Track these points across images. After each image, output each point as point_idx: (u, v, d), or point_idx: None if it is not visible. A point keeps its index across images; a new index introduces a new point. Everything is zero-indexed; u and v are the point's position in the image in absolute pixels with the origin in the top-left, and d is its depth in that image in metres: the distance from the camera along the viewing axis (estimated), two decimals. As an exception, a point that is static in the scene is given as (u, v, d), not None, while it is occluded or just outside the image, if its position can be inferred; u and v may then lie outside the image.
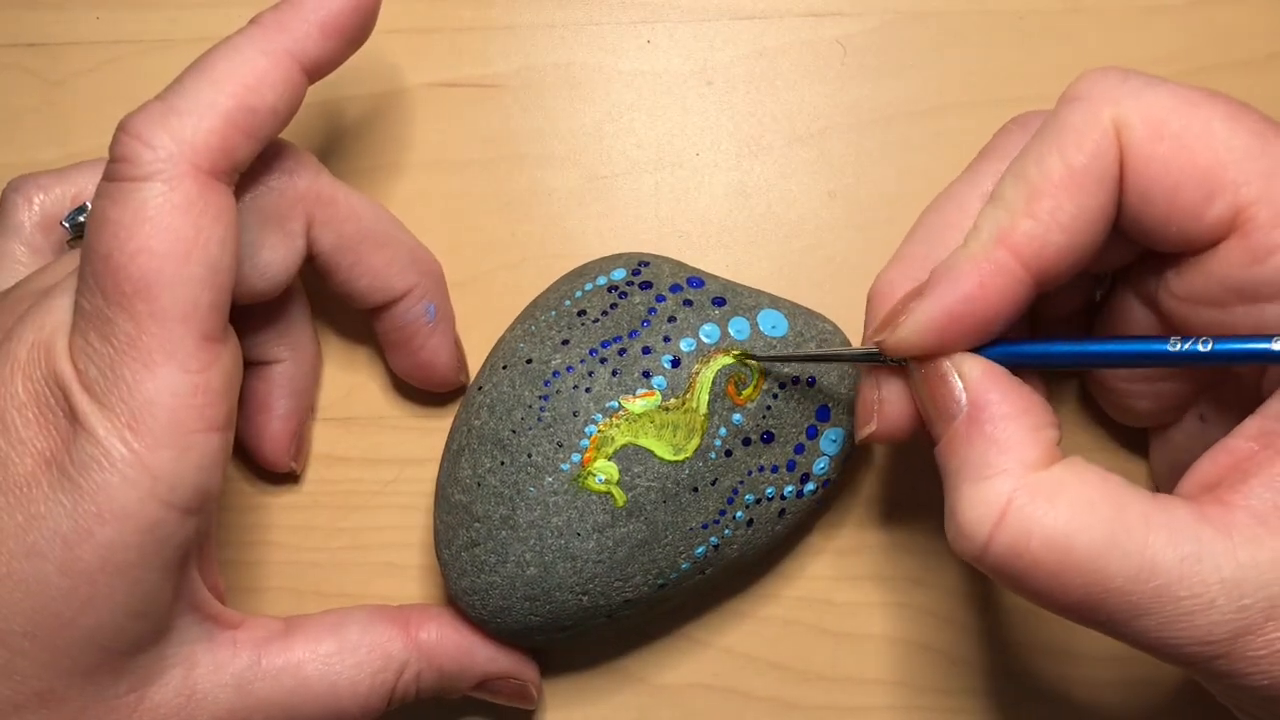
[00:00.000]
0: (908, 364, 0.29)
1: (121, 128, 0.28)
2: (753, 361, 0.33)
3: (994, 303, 0.27)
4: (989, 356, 0.28)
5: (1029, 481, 0.25)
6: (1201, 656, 0.25)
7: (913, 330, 0.27)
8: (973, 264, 0.27)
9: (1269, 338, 0.26)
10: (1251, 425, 0.27)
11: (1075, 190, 0.26)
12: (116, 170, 0.27)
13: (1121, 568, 0.24)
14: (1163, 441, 0.35)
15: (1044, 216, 0.27)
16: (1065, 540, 0.25)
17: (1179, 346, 0.26)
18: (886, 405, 0.30)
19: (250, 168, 0.31)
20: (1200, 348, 0.26)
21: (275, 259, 0.32)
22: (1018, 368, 0.28)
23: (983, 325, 0.27)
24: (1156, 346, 0.27)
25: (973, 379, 0.27)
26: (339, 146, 0.39)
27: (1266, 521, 0.25)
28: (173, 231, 0.27)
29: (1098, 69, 0.28)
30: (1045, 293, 0.28)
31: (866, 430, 0.30)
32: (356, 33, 0.31)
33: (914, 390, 0.29)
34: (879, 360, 0.29)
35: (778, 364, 0.33)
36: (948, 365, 0.27)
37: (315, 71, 0.30)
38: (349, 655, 0.32)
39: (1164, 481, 0.35)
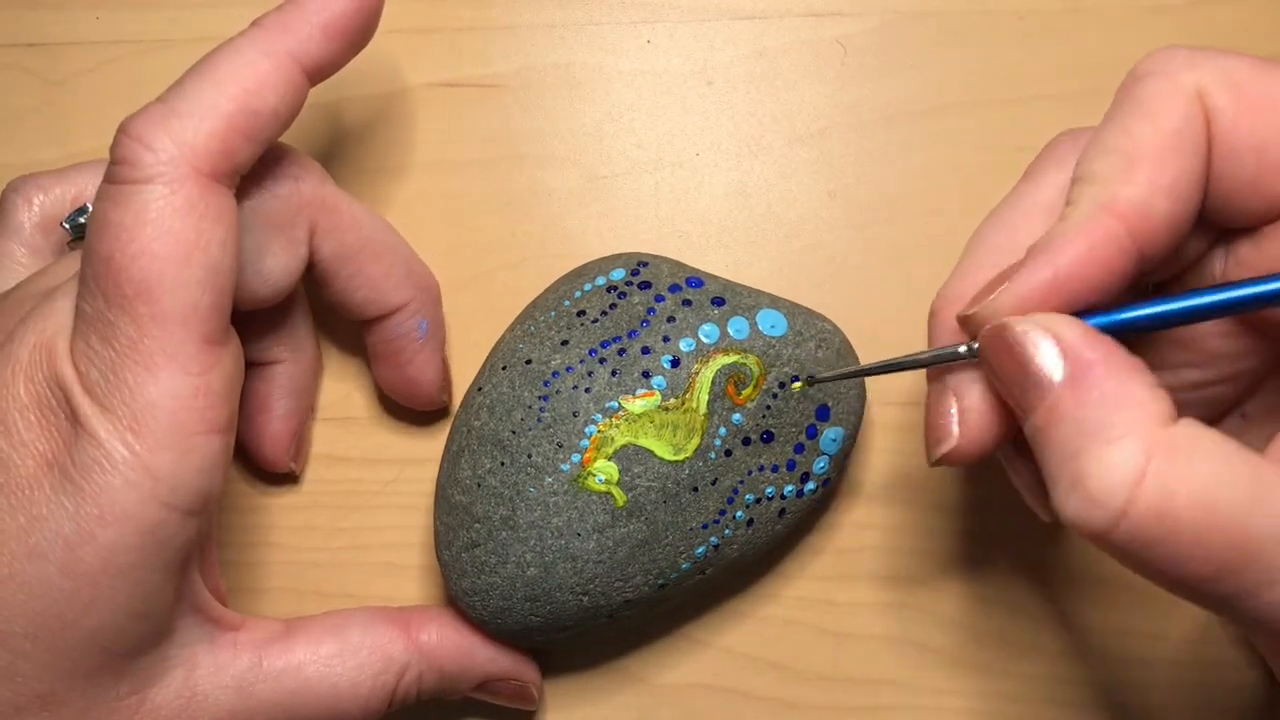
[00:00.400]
0: (981, 351, 0.26)
1: (122, 130, 0.28)
2: (796, 383, 0.33)
3: (1100, 271, 0.26)
4: (1094, 324, 0.26)
5: (1165, 438, 0.23)
6: None
7: (1014, 296, 0.26)
8: (1078, 230, 0.26)
9: None
10: None
11: (1173, 155, 0.26)
12: (117, 173, 0.27)
13: (1266, 528, 0.23)
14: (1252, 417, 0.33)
15: (1144, 183, 0.26)
16: (1211, 499, 0.23)
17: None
18: (970, 415, 0.27)
19: (256, 173, 0.31)
20: None
21: (278, 265, 0.32)
22: (1127, 334, 0.26)
23: (1086, 296, 0.26)
24: (1263, 287, 0.26)
25: (1072, 340, 0.25)
26: (338, 147, 0.39)
27: None
28: (174, 234, 0.27)
29: (1164, 48, 0.27)
30: (1147, 266, 0.26)
31: (945, 446, 0.28)
32: (359, 35, 0.31)
33: (992, 369, 0.26)
34: (960, 357, 0.27)
35: (847, 373, 0.32)
36: (1036, 329, 0.25)
37: (317, 74, 0.30)
38: (350, 657, 0.32)
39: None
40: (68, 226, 0.33)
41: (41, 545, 0.26)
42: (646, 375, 0.32)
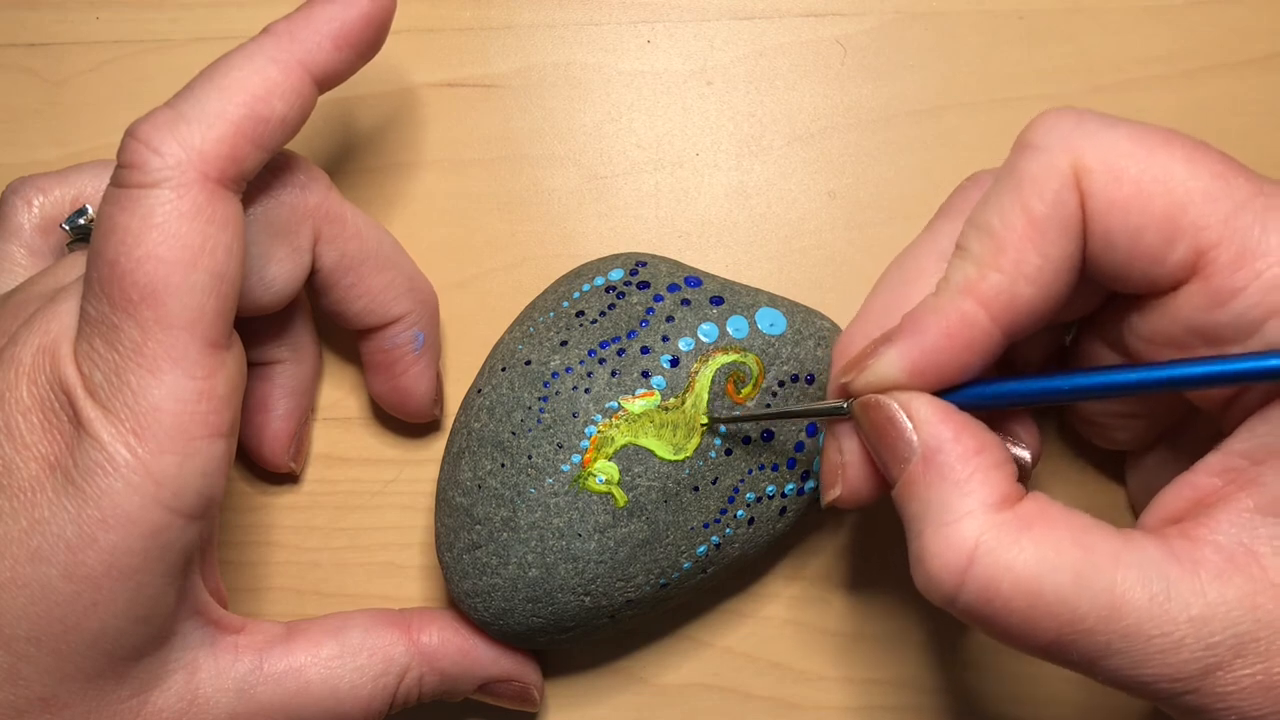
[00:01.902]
0: (853, 410, 0.28)
1: (130, 133, 0.28)
2: (728, 418, 0.32)
3: (960, 352, 0.27)
4: (956, 400, 0.27)
5: (994, 523, 0.25)
6: (1172, 693, 0.25)
7: (879, 375, 0.27)
8: (940, 314, 0.27)
9: (1219, 359, 0.25)
10: (1214, 460, 0.26)
11: (1039, 240, 0.26)
12: (124, 176, 0.27)
13: (1092, 608, 0.24)
14: (1138, 466, 0.35)
15: (1010, 268, 0.26)
16: (1035, 582, 0.25)
17: (1133, 376, 0.26)
18: (850, 468, 0.29)
19: (263, 180, 0.31)
20: (1156, 374, 0.26)
21: (282, 273, 0.32)
22: (988, 409, 0.28)
23: (949, 374, 0.27)
24: (1116, 377, 0.27)
25: (923, 418, 0.27)
26: (338, 146, 0.39)
27: (1233, 558, 0.25)
28: (180, 239, 0.27)
29: (1051, 112, 0.27)
30: (1016, 340, 0.28)
31: (832, 494, 0.30)
32: (368, 46, 0.31)
33: (863, 435, 0.28)
34: (838, 412, 0.29)
35: (743, 417, 0.32)
36: (895, 406, 0.27)
37: (326, 82, 0.30)
38: (350, 659, 0.32)
39: (1140, 504, 0.35)
40: (67, 228, 0.33)
41: (44, 548, 0.26)
42: (646, 375, 0.32)
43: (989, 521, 0.25)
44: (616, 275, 0.34)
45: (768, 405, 0.33)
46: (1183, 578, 0.24)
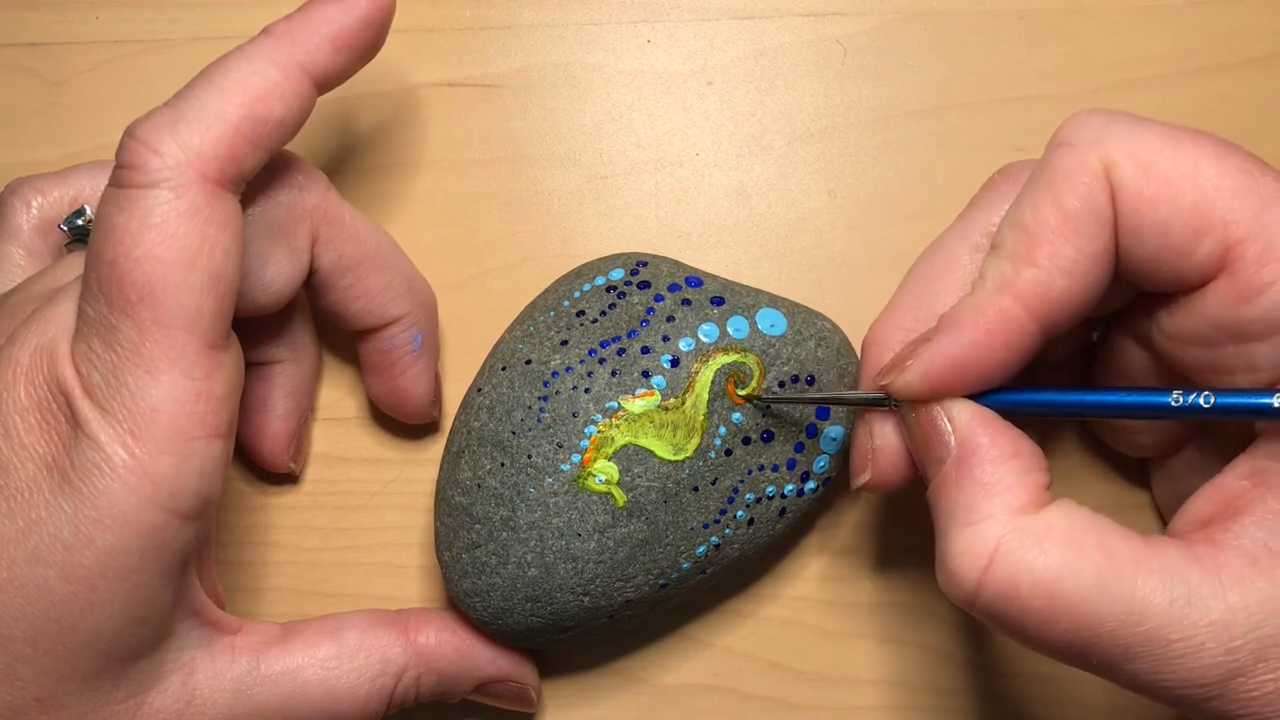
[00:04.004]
0: (900, 408, 0.29)
1: (129, 134, 0.28)
2: (759, 394, 0.33)
3: (1000, 350, 0.27)
4: (989, 404, 0.28)
5: (1018, 526, 0.25)
6: (1193, 699, 0.25)
7: (918, 375, 0.28)
8: (979, 312, 0.27)
9: (1269, 393, 0.25)
10: (1243, 463, 0.27)
11: (1072, 234, 0.27)
12: (123, 176, 0.27)
13: (1111, 612, 0.24)
14: (1164, 471, 0.35)
15: (1045, 263, 0.27)
16: (1054, 585, 0.25)
17: (1180, 400, 0.26)
18: (881, 454, 0.30)
19: (260, 181, 0.31)
20: (1202, 403, 0.26)
21: (280, 274, 0.32)
22: (1017, 415, 0.28)
23: (989, 372, 0.27)
24: (1158, 399, 0.27)
25: (962, 423, 0.27)
26: (338, 146, 0.39)
27: (1257, 561, 0.25)
28: (178, 239, 0.27)
29: (1083, 112, 0.28)
30: (1051, 337, 0.28)
31: (862, 479, 0.30)
32: (367, 48, 0.31)
33: (906, 434, 0.29)
34: (881, 403, 0.29)
35: (789, 399, 0.33)
36: (938, 410, 0.28)
37: (325, 84, 0.30)
38: (347, 660, 0.32)
39: (1167, 509, 0.35)
40: (65, 229, 0.33)
41: (40, 549, 0.26)
42: (646, 375, 0.32)
43: (1012, 524, 0.26)
44: (617, 275, 0.34)
45: (768, 406, 0.33)
46: (1204, 582, 0.24)
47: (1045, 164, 0.28)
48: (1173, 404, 0.27)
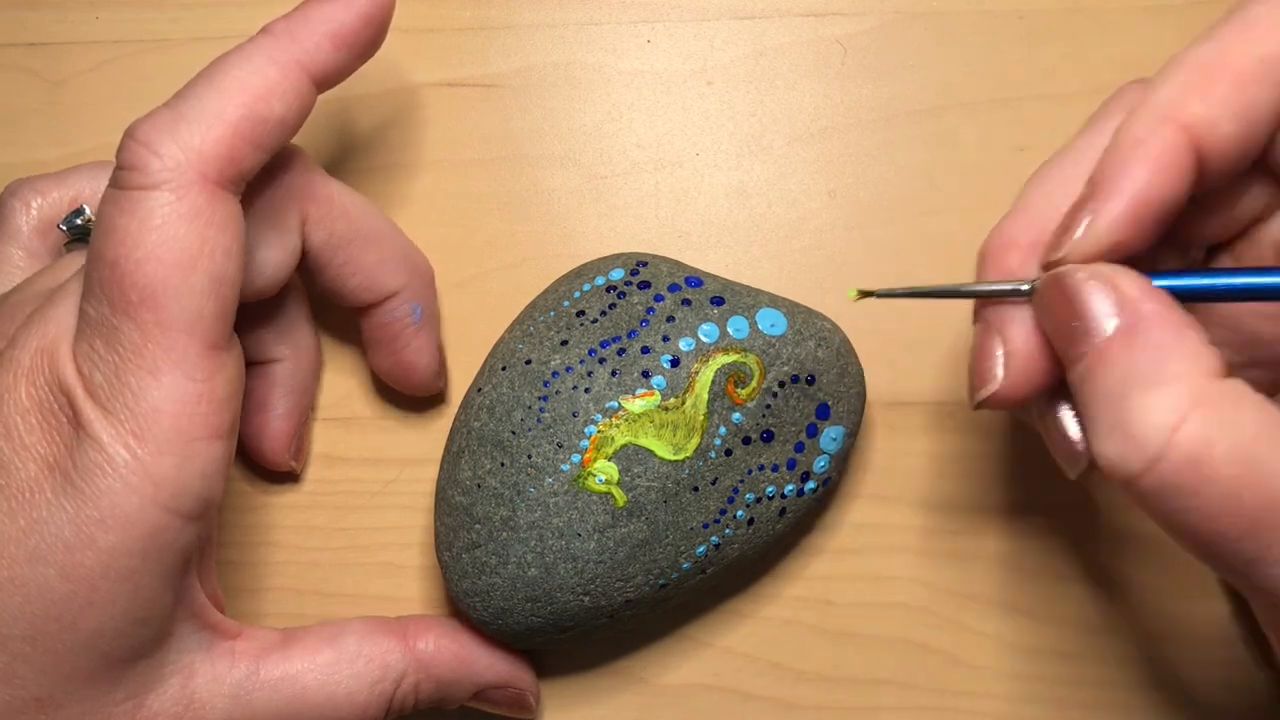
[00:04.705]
0: (1040, 295, 0.26)
1: (129, 135, 0.28)
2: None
3: (1170, 192, 0.25)
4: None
5: (1212, 389, 0.23)
6: None
7: (1105, 230, 0.26)
8: (1143, 149, 0.25)
9: None
10: None
11: (1260, 79, 0.25)
12: (124, 178, 0.27)
13: None
14: None
15: (1216, 101, 0.25)
16: (1251, 454, 0.22)
17: None
18: (1015, 359, 0.27)
19: None
20: None
21: (272, 257, 0.32)
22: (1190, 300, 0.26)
23: (1163, 219, 0.26)
24: None
25: (1130, 292, 0.25)
26: (337, 146, 0.39)
27: None
28: (179, 241, 0.27)
29: None
30: (1200, 196, 0.25)
31: (989, 389, 0.27)
32: (367, 46, 0.31)
33: (1046, 314, 0.26)
34: (1016, 293, 0.27)
35: (888, 297, 0.30)
36: (1096, 280, 0.25)
37: (325, 82, 0.30)
38: (347, 666, 0.32)
39: None
40: (64, 228, 0.33)
41: (41, 548, 0.26)
42: (646, 375, 0.32)
43: (1207, 385, 0.23)
44: (617, 275, 0.34)
45: (768, 406, 0.33)
46: None
47: (1235, 11, 0.26)
48: None
